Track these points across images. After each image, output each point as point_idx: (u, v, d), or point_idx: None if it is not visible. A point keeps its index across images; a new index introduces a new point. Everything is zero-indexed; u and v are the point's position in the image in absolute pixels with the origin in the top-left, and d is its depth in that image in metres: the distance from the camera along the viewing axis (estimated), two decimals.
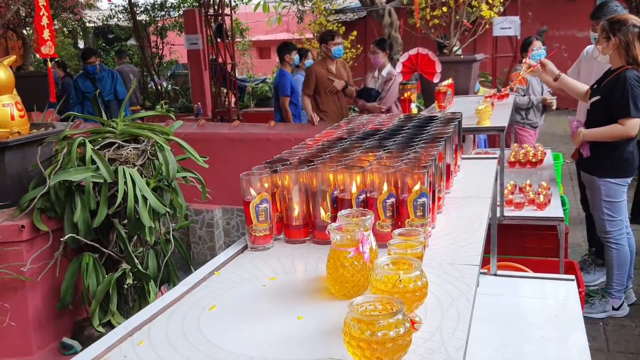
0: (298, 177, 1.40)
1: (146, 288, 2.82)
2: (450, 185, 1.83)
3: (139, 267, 2.73)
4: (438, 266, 1.26)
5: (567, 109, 10.65)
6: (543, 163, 4.11)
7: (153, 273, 2.86)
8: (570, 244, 4.32)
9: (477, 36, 5.12)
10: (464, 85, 4.57)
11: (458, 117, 2.05)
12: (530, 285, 2.18)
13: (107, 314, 2.67)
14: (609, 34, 3.28)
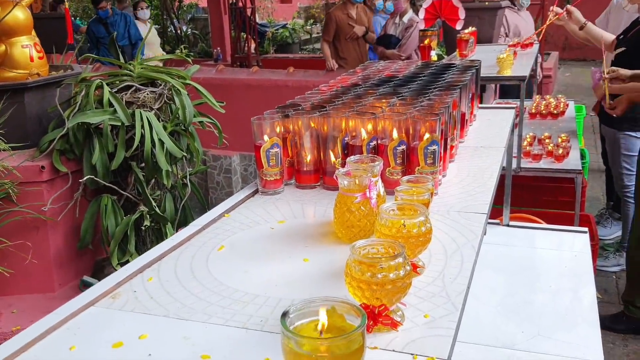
0: (309, 123, 1.40)
1: (163, 230, 2.88)
2: (464, 135, 1.81)
3: (157, 210, 2.79)
4: (446, 214, 1.26)
5: (594, 60, 10.36)
6: (565, 115, 4.03)
7: (170, 216, 2.92)
8: (588, 198, 4.29)
9: None
10: (488, 33, 4.45)
11: (476, 65, 2.01)
12: (542, 236, 2.18)
13: (126, 254, 2.75)
14: None
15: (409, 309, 0.88)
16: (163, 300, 0.93)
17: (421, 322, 0.85)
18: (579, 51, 11.31)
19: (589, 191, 4.30)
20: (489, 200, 1.32)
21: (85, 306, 0.91)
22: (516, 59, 3.29)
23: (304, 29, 13.64)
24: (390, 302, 0.83)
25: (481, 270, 1.98)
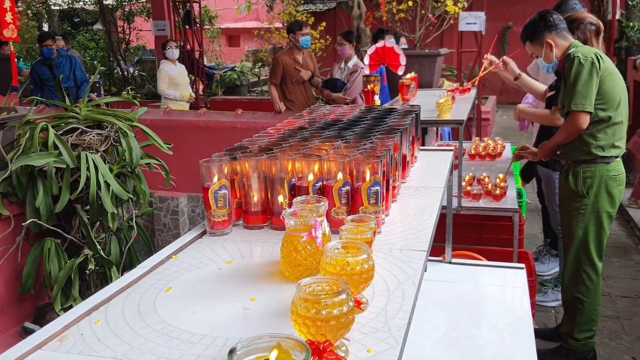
0: (257, 165, 1.45)
1: (108, 274, 2.83)
2: (406, 175, 1.89)
3: (101, 253, 2.74)
4: (389, 251, 1.32)
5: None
6: (502, 156, 4.23)
7: (115, 259, 2.87)
8: (527, 235, 4.48)
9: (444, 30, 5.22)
10: (428, 78, 4.66)
11: (416, 109, 2.12)
12: (482, 273, 2.27)
13: (69, 299, 2.68)
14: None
15: (353, 344, 0.92)
16: (111, 343, 0.93)
17: (364, 356, 0.89)
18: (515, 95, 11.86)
19: (527, 229, 4.48)
20: (429, 238, 1.39)
21: (32, 349, 0.91)
22: (455, 104, 3.46)
23: (252, 72, 13.80)
24: (335, 337, 0.86)
25: (425, 306, 2.05)
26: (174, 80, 6.82)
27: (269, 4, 11.61)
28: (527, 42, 3.22)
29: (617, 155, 3.02)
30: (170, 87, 6.85)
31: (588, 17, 3.46)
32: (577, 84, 2.81)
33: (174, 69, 6.92)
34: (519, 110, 3.58)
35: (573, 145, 2.99)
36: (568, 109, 2.87)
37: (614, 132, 2.96)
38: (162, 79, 6.84)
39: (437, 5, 4.67)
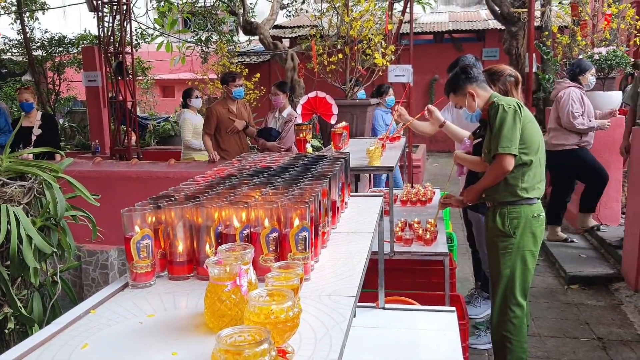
0: (182, 213, 1.41)
1: (30, 332, 2.65)
2: (336, 221, 1.90)
3: (22, 311, 2.57)
4: (317, 298, 1.30)
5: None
6: (432, 201, 4.34)
7: (38, 317, 2.70)
8: (459, 278, 4.56)
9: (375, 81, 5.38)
10: (360, 127, 4.76)
11: (345, 156, 2.15)
12: (414, 317, 2.28)
13: None
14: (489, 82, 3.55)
15: None
16: None
17: None
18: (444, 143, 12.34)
19: (459, 272, 4.57)
20: (358, 284, 1.39)
21: None
22: (385, 151, 3.55)
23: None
24: None
25: (359, 353, 2.02)
26: (197, 130, 6.61)
27: (203, 56, 11.69)
28: (450, 94, 3.38)
29: (538, 197, 3.18)
30: (195, 136, 6.64)
31: (507, 70, 3.68)
32: (503, 129, 2.97)
33: (198, 118, 6.76)
34: (455, 156, 3.70)
35: (499, 188, 3.12)
36: (495, 152, 3.01)
37: (534, 175, 3.13)
38: (187, 128, 6.62)
39: (366, 58, 4.83)
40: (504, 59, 8.51)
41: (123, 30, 9.12)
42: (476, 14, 14.15)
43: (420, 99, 11.59)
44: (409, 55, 6.78)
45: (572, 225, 6.15)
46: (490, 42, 13.26)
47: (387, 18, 5.52)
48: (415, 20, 11.35)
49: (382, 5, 7.59)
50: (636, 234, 4.63)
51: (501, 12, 7.84)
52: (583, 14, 5.95)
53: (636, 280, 4.58)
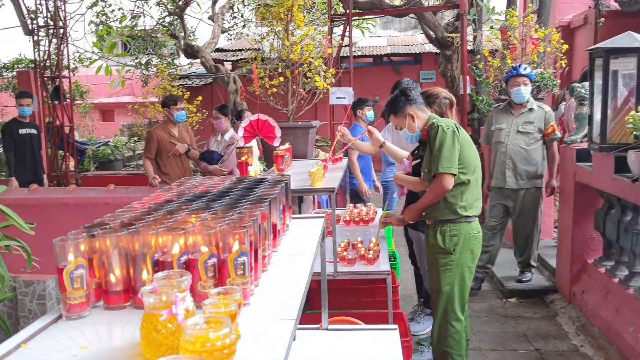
0: (118, 241, 1.39)
1: None
2: (277, 244, 1.90)
3: None
4: (256, 323, 1.30)
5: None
6: (375, 221, 4.40)
7: None
8: (403, 296, 4.63)
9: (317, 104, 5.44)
10: (303, 149, 4.79)
11: (286, 179, 2.16)
12: (357, 337, 2.30)
13: None
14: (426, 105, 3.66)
15: None
16: None
17: None
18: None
19: (403, 290, 4.64)
20: (298, 307, 1.39)
21: None
22: (327, 172, 3.59)
23: (127, 146, 13.41)
24: None
25: None
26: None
27: (144, 79, 11.51)
28: (391, 116, 3.47)
29: (476, 215, 3.29)
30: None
31: (442, 92, 3.81)
32: (443, 149, 3.08)
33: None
34: (395, 177, 3.78)
35: (439, 206, 3.21)
36: (435, 171, 3.11)
37: (472, 194, 3.24)
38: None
39: (307, 80, 4.89)
40: (440, 81, 8.80)
41: (60, 54, 8.90)
42: (413, 38, 14.60)
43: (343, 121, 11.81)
44: (350, 78, 6.91)
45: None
46: (427, 65, 13.68)
47: (327, 42, 5.61)
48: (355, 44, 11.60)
49: (323, 30, 7.73)
50: (568, 248, 4.84)
51: (436, 36, 8.12)
52: (512, 38, 6.23)
53: (570, 291, 4.78)
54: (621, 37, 3.98)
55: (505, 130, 4.97)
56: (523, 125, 4.94)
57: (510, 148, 4.93)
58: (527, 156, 4.92)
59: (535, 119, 4.94)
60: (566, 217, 4.94)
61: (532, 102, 5.01)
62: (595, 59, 4.17)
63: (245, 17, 11.13)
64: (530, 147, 4.92)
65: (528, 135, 4.93)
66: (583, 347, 4.01)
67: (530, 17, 6.52)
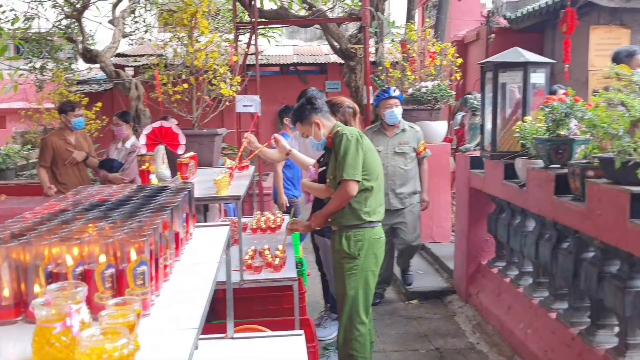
0: (7, 253, 1.32)
1: None
2: (180, 253, 1.88)
3: None
4: (157, 333, 1.28)
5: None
6: (282, 228, 4.42)
7: None
8: (310, 302, 4.68)
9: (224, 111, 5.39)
10: (208, 157, 4.73)
11: (189, 187, 2.14)
12: (263, 344, 2.31)
13: None
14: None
15: None
16: None
17: None
18: None
19: (310, 296, 4.69)
20: (200, 316, 1.38)
21: None
22: (233, 180, 3.57)
23: (20, 155, 12.60)
24: None
25: None
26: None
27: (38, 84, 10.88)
28: (297, 123, 3.53)
29: (379, 220, 3.41)
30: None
31: (346, 102, 3.92)
32: (347, 156, 3.17)
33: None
34: (302, 184, 3.84)
35: (344, 212, 3.30)
36: (340, 178, 3.20)
37: (376, 200, 3.36)
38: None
39: (212, 87, 4.84)
40: (345, 91, 8.99)
41: None
42: (319, 49, 14.84)
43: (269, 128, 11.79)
44: (256, 86, 6.91)
45: None
46: (332, 75, 13.95)
47: (232, 49, 5.59)
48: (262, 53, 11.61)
49: (228, 37, 7.67)
50: (464, 250, 5.11)
51: (340, 47, 8.30)
52: (411, 51, 6.51)
53: (466, 292, 5.04)
54: (509, 52, 4.28)
55: (383, 152, 4.88)
56: (399, 146, 4.98)
57: (391, 170, 4.94)
58: (407, 176, 4.99)
59: (409, 138, 5.01)
60: (462, 221, 5.22)
61: (403, 123, 5.04)
62: (485, 72, 4.45)
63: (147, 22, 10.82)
64: (408, 166, 5.00)
65: (405, 156, 4.99)
66: (479, 345, 4.25)
67: (427, 31, 6.86)
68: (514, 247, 4.33)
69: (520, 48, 4.27)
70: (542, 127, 3.64)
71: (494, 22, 8.70)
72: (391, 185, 4.95)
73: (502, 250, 4.75)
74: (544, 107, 3.58)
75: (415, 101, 6.33)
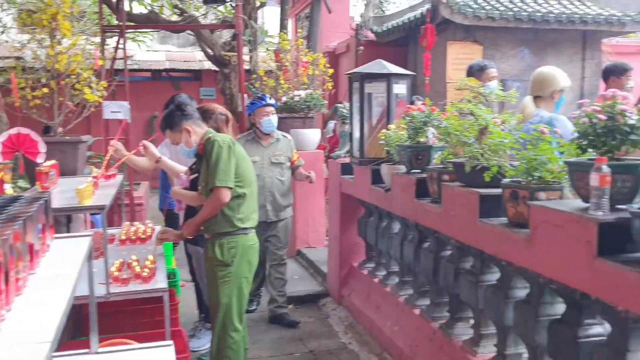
0: None
1: None
2: (35, 266, 1.78)
3: None
4: (9, 349, 1.21)
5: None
6: (153, 238, 4.30)
7: None
8: (186, 313, 4.59)
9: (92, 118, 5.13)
10: (72, 166, 4.49)
11: (45, 196, 2.03)
12: (130, 357, 2.23)
13: None
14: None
15: None
16: None
17: None
18: None
19: (185, 307, 4.60)
20: (55, 328, 1.32)
21: None
22: (98, 190, 3.42)
23: None
24: None
25: None
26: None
27: None
28: (167, 131, 3.47)
29: (253, 227, 3.44)
30: None
31: (218, 108, 3.92)
32: (219, 163, 3.17)
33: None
34: (173, 192, 3.76)
35: (217, 219, 3.29)
36: (212, 185, 3.19)
37: (249, 206, 3.38)
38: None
39: (75, 92, 4.60)
40: (220, 98, 8.93)
41: None
42: (192, 55, 14.57)
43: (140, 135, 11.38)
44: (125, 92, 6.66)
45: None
46: (207, 82, 13.78)
47: (97, 53, 5.35)
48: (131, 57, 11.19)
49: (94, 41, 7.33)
50: (336, 253, 5.29)
51: (214, 54, 8.26)
52: (284, 61, 6.64)
53: (339, 294, 5.22)
54: (373, 64, 4.52)
55: (259, 162, 4.76)
56: (275, 156, 4.88)
57: (268, 181, 4.82)
58: (283, 187, 4.91)
59: (284, 148, 4.92)
60: (334, 225, 5.39)
61: (277, 133, 4.95)
62: (353, 82, 4.66)
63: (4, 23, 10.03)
64: (284, 177, 4.92)
65: (281, 166, 4.90)
66: (350, 344, 4.41)
67: (300, 41, 7.02)
68: (381, 248, 4.55)
69: (383, 60, 4.52)
70: (405, 135, 3.87)
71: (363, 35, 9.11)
72: (269, 197, 4.84)
73: (372, 252, 4.97)
74: (405, 116, 3.82)
75: (289, 109, 6.45)
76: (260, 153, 4.85)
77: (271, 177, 4.86)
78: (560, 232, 2.22)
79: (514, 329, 2.79)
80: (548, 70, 3.73)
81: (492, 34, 8.17)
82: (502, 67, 7.95)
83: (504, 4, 8.07)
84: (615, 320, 2.15)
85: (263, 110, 4.79)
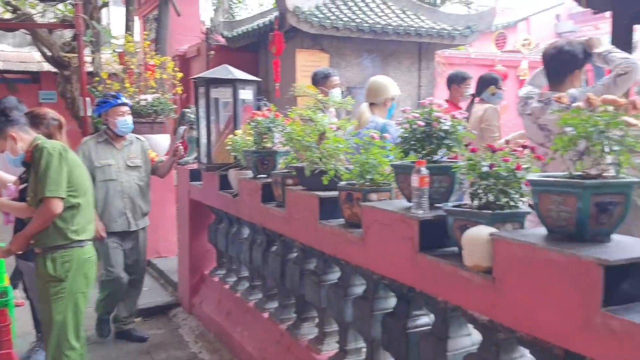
0: None
1: None
2: None
3: None
4: None
5: None
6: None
7: None
8: (22, 334, 4.23)
9: None
10: None
11: None
12: None
13: None
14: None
15: None
16: None
17: None
18: None
19: (21, 327, 4.23)
20: None
21: None
22: None
23: None
24: None
25: None
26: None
27: None
28: None
29: (89, 239, 3.26)
30: None
31: (50, 113, 3.67)
32: (49, 172, 2.98)
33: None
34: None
35: (49, 232, 3.08)
36: (42, 195, 2.98)
37: (84, 217, 3.21)
38: None
39: None
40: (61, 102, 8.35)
41: None
42: (30, 55, 13.43)
43: None
44: None
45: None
46: (47, 85, 12.79)
47: None
48: None
49: None
50: (186, 262, 5.19)
51: (52, 55, 7.71)
52: (129, 63, 6.37)
53: (190, 303, 5.11)
54: (219, 69, 4.50)
55: (114, 166, 4.51)
56: (131, 159, 4.61)
57: (127, 186, 4.54)
58: (142, 193, 4.67)
59: (138, 151, 4.70)
60: (184, 233, 5.28)
61: (130, 135, 4.71)
62: (198, 87, 4.61)
63: None
64: (143, 182, 4.69)
65: (139, 170, 4.66)
66: (201, 353, 4.34)
67: (147, 44, 6.78)
68: (232, 254, 4.54)
69: (230, 66, 4.52)
70: (251, 140, 3.91)
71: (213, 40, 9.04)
72: (128, 204, 4.55)
73: (223, 258, 4.94)
74: (250, 121, 3.85)
75: (135, 114, 6.16)
76: (114, 156, 4.55)
77: (129, 182, 4.58)
78: (388, 230, 2.38)
79: (353, 324, 2.93)
80: (381, 80, 3.98)
81: (337, 43, 8.51)
82: (347, 75, 8.31)
83: (347, 14, 8.45)
84: (437, 310, 2.34)
85: (118, 109, 4.51)
